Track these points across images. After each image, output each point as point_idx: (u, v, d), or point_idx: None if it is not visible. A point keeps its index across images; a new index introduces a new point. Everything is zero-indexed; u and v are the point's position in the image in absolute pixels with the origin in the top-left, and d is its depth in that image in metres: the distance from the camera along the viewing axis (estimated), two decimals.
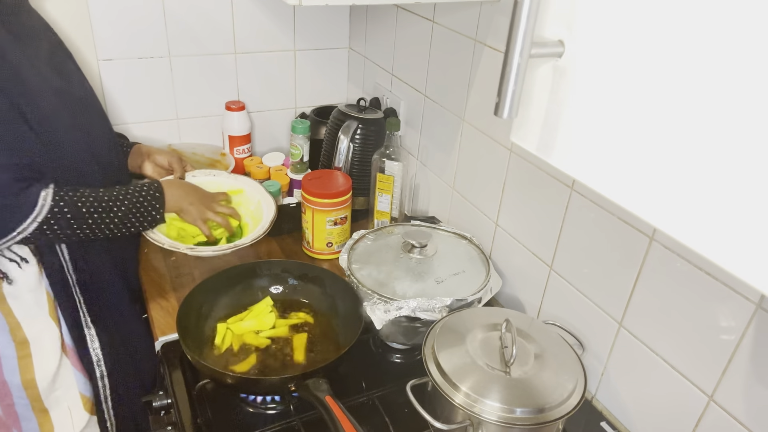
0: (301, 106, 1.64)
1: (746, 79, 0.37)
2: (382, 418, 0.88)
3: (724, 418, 0.73)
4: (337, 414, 0.75)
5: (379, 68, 1.47)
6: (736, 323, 0.70)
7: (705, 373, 0.75)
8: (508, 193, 1.07)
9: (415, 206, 1.41)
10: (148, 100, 1.44)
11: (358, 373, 0.97)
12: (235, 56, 1.49)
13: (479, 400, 0.75)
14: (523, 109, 0.58)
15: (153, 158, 1.23)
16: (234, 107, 1.47)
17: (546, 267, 1.00)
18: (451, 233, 1.15)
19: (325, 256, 1.23)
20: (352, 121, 1.30)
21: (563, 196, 0.93)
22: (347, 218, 1.21)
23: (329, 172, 1.25)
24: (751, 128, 0.37)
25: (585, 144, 0.51)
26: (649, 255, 0.80)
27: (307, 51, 1.57)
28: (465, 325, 0.87)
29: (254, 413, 0.88)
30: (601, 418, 0.91)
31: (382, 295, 0.95)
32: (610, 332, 0.89)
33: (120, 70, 1.38)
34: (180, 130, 1.52)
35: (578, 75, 0.51)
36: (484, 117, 1.10)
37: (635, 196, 0.46)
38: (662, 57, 0.43)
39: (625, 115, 0.46)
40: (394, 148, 1.22)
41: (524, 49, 0.48)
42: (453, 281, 1.01)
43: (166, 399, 0.93)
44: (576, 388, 0.78)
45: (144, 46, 1.38)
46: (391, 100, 1.41)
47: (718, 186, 0.40)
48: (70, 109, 0.97)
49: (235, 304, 1.02)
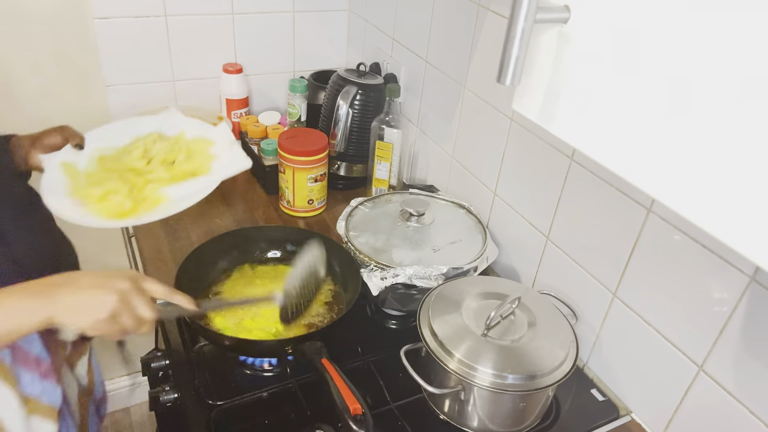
0: (300, 69, 1.61)
1: (748, 53, 0.36)
2: (377, 382, 0.89)
3: (713, 388, 0.74)
4: (333, 375, 0.76)
5: (380, 32, 1.44)
6: (729, 295, 0.70)
7: (696, 344, 0.76)
8: (508, 163, 1.06)
9: (414, 174, 1.40)
10: (144, 60, 1.42)
11: (354, 338, 0.98)
12: (232, 17, 1.46)
13: (472, 365, 0.76)
14: (526, 77, 0.56)
15: (40, 143, 0.96)
16: (231, 69, 1.45)
17: (543, 237, 1.00)
18: (449, 202, 1.15)
19: (308, 214, 1.26)
20: (352, 86, 1.28)
21: (563, 166, 0.93)
22: (325, 174, 1.24)
23: (304, 130, 1.27)
24: (750, 100, 0.37)
25: (587, 113, 0.50)
26: (646, 227, 0.80)
27: (306, 12, 1.54)
28: (460, 294, 0.88)
29: (251, 375, 0.90)
30: (591, 385, 0.93)
31: (379, 262, 0.95)
32: (603, 302, 0.90)
33: (115, 28, 1.35)
34: (176, 93, 1.49)
35: (583, 42, 0.50)
36: (486, 84, 1.08)
37: (635, 166, 0.46)
38: (668, 27, 0.42)
39: (628, 84, 0.46)
40: (393, 115, 1.21)
41: (529, 13, 0.47)
42: (450, 250, 1.01)
43: (164, 360, 0.94)
44: (568, 356, 0.79)
45: (140, 3, 1.35)
46: (391, 66, 1.39)
47: (717, 158, 0.39)
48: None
49: (232, 268, 1.03)
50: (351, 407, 0.72)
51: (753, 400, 0.70)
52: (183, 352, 0.92)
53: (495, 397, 0.77)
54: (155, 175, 0.97)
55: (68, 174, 0.95)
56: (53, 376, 0.81)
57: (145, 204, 0.93)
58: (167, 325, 0.97)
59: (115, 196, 0.92)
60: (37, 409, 0.78)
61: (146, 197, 0.94)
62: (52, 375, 0.81)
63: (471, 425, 0.82)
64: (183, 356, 0.91)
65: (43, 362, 0.80)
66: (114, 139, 1.03)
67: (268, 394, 0.86)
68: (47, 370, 0.80)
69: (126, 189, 0.93)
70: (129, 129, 1.04)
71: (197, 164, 0.99)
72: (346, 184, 1.39)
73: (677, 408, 0.80)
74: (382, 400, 0.86)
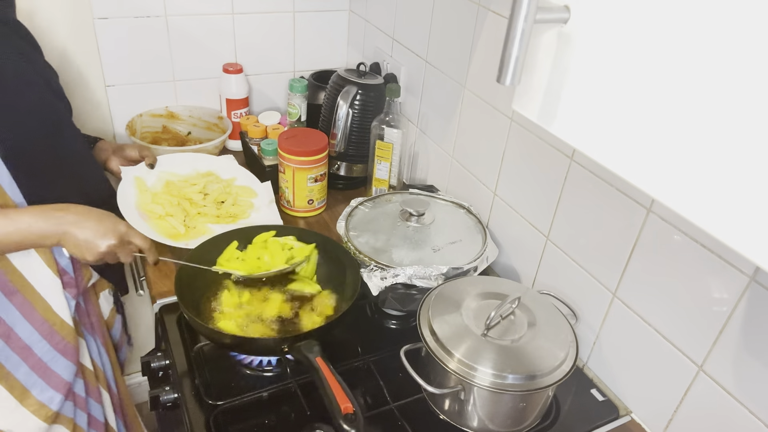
0: (300, 69, 1.61)
1: (748, 53, 0.36)
2: (377, 381, 0.89)
3: (713, 388, 0.74)
4: (326, 374, 0.76)
5: (380, 32, 1.44)
6: (729, 295, 0.70)
7: (696, 344, 0.76)
8: (508, 163, 1.06)
9: (414, 174, 1.40)
10: (145, 60, 1.42)
11: (354, 338, 0.98)
12: (232, 17, 1.46)
13: (471, 365, 0.76)
14: (526, 77, 0.57)
15: (121, 153, 1.20)
16: (231, 69, 1.45)
17: (543, 237, 1.00)
18: (449, 202, 1.15)
19: (308, 214, 1.26)
20: (352, 86, 1.28)
21: (562, 166, 0.93)
22: (325, 174, 1.25)
23: (304, 130, 1.27)
24: (750, 101, 0.37)
25: (586, 113, 0.50)
26: (646, 227, 0.80)
27: (306, 12, 1.54)
28: (460, 294, 0.88)
29: (251, 375, 0.90)
30: (591, 385, 0.93)
31: (379, 262, 0.95)
32: (603, 302, 0.90)
33: (116, 28, 1.35)
34: (176, 93, 1.49)
35: (583, 42, 0.50)
36: (486, 84, 1.08)
37: (635, 167, 0.46)
38: (668, 27, 0.42)
39: (627, 85, 0.46)
40: (393, 115, 1.21)
41: (529, 13, 0.47)
42: (450, 250, 1.01)
43: (164, 360, 0.94)
44: (567, 356, 0.79)
45: (140, 3, 1.35)
46: (391, 66, 1.39)
47: (717, 158, 0.39)
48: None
49: None
50: (342, 406, 0.72)
51: (753, 400, 0.70)
52: (183, 352, 0.92)
53: (495, 397, 0.77)
54: (207, 210, 1.16)
55: (138, 188, 1.16)
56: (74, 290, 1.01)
57: (194, 232, 1.11)
58: (167, 325, 0.97)
59: (172, 219, 1.11)
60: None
61: (195, 226, 1.12)
62: (73, 287, 1.01)
63: (471, 425, 0.82)
64: (183, 356, 0.91)
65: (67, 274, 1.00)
66: (179, 166, 1.24)
67: (268, 394, 0.86)
68: (70, 281, 1.00)
69: (181, 216, 1.13)
70: (192, 161, 1.27)
71: (240, 210, 1.18)
72: (346, 184, 1.39)
73: (677, 408, 0.80)
74: (382, 400, 0.86)
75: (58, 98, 1.00)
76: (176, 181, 1.21)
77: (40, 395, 0.98)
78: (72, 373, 1.02)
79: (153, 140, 1.44)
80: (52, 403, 0.99)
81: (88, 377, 1.08)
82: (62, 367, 1.00)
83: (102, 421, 1.12)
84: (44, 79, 0.96)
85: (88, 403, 1.08)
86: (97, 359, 1.12)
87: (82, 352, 1.07)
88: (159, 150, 1.30)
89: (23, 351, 0.96)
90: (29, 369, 0.97)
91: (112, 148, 1.20)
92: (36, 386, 0.98)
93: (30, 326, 0.96)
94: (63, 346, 1.00)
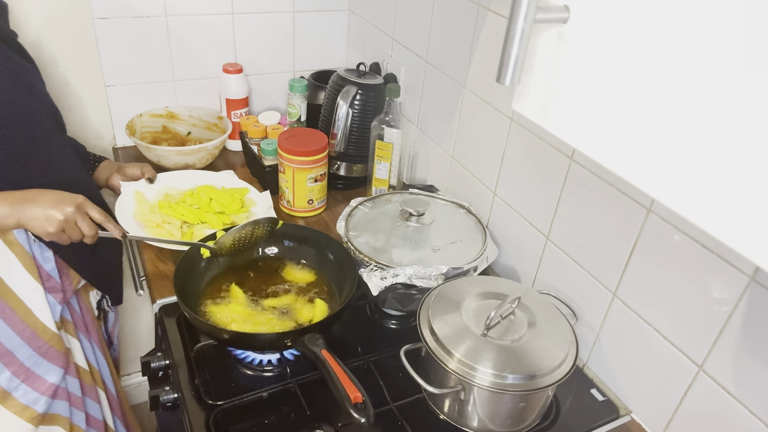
0: (300, 69, 1.61)
1: (748, 53, 0.36)
2: (377, 381, 0.89)
3: (713, 388, 0.74)
4: (333, 365, 0.76)
5: (380, 32, 1.44)
6: (729, 295, 0.70)
7: (696, 344, 0.76)
8: (508, 163, 1.06)
9: (414, 174, 1.40)
10: (144, 60, 1.42)
11: (353, 338, 0.98)
12: (232, 17, 1.46)
13: (471, 365, 0.76)
14: (526, 77, 0.57)
15: (123, 171, 1.21)
16: (231, 69, 1.45)
17: (543, 237, 1.00)
18: (449, 202, 1.15)
19: (307, 214, 1.26)
20: (352, 86, 1.28)
21: (562, 166, 0.93)
22: (325, 174, 1.25)
23: (303, 130, 1.27)
24: (749, 101, 0.37)
25: (586, 113, 0.50)
26: (646, 227, 0.80)
27: (306, 12, 1.54)
28: (460, 294, 0.88)
29: (251, 375, 0.90)
30: (591, 385, 0.93)
31: (378, 262, 0.95)
32: (603, 302, 0.89)
33: (115, 28, 1.35)
34: (176, 93, 1.50)
35: (583, 42, 0.50)
36: (486, 84, 1.08)
37: (635, 166, 0.46)
38: (667, 27, 0.42)
39: (627, 84, 0.46)
40: (393, 115, 1.21)
41: (529, 13, 0.47)
42: (449, 250, 1.01)
43: (164, 360, 0.94)
44: (567, 356, 0.79)
45: (140, 3, 1.35)
46: (391, 66, 1.39)
47: (717, 158, 0.39)
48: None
49: (231, 263, 1.03)
50: (351, 396, 0.72)
51: (753, 400, 0.70)
52: (183, 352, 0.92)
53: (495, 397, 0.77)
54: (205, 218, 1.16)
55: (138, 200, 1.18)
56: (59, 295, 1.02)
57: (191, 237, 1.11)
58: (167, 325, 0.97)
59: (170, 227, 1.13)
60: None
61: (192, 232, 1.13)
62: (59, 292, 1.02)
63: (471, 425, 0.82)
64: (183, 356, 0.91)
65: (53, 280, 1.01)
66: (178, 182, 1.25)
67: (268, 394, 0.86)
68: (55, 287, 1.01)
69: (179, 222, 1.14)
70: (192, 177, 1.27)
71: (239, 220, 1.18)
72: (346, 184, 1.39)
73: (677, 408, 0.80)
74: (382, 399, 0.86)
75: (30, 94, 0.96)
76: (175, 194, 1.22)
77: (23, 398, 0.98)
78: (58, 376, 1.02)
79: (153, 140, 1.44)
80: (36, 405, 0.99)
81: (83, 377, 1.08)
82: (45, 370, 1.00)
83: (101, 420, 1.12)
84: (12, 73, 0.92)
85: (85, 402, 1.08)
86: (92, 359, 1.12)
87: (76, 353, 1.07)
88: (159, 150, 1.31)
89: (5, 357, 0.96)
90: (11, 375, 0.97)
91: (115, 167, 1.22)
92: (18, 389, 0.98)
93: (11, 331, 0.96)
94: (46, 350, 1.00)
